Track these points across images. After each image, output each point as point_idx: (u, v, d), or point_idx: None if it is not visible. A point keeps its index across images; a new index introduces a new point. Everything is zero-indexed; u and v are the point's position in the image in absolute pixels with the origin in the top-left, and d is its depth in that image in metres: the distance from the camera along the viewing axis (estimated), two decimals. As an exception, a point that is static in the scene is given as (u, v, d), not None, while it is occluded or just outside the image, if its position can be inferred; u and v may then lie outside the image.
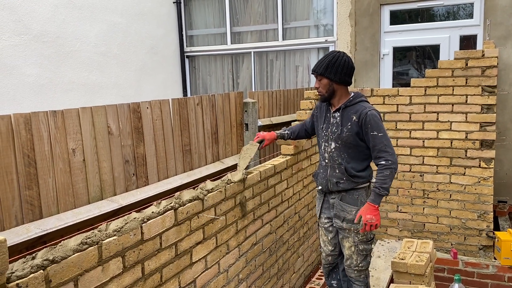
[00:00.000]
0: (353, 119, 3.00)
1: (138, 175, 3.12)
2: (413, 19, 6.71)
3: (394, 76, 6.89)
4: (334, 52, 3.08)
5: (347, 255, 3.21)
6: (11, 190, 2.26)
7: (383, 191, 2.89)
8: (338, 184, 3.11)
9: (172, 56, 8.20)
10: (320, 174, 3.26)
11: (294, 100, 5.84)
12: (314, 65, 3.10)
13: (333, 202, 3.20)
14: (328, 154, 3.16)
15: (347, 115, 3.05)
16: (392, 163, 2.90)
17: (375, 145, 2.95)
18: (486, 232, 4.63)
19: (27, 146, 2.35)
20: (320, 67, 3.03)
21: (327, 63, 3.00)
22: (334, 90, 3.05)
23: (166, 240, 2.20)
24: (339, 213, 3.16)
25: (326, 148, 3.17)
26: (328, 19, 7.34)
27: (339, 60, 2.99)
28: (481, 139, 4.55)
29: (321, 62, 3.04)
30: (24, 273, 1.50)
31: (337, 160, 3.11)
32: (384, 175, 2.89)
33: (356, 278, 3.26)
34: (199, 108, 3.82)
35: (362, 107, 3.01)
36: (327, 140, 3.16)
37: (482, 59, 4.47)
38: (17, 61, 5.49)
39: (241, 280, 3.01)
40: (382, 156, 2.93)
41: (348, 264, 3.23)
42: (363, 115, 2.96)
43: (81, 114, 2.68)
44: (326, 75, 3.00)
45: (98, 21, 6.57)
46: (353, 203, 3.11)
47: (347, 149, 3.06)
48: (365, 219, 2.89)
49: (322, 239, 3.42)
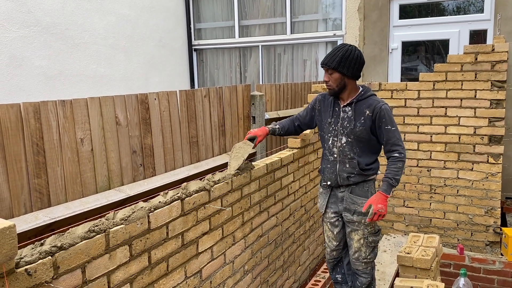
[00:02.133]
0: (366, 113, 2.99)
1: (146, 165, 3.14)
2: (422, 14, 6.66)
3: (403, 72, 6.84)
4: (345, 45, 3.01)
5: (356, 248, 3.20)
6: (20, 178, 2.29)
7: (395, 182, 2.93)
8: (349, 178, 3.09)
9: (180, 49, 8.20)
10: (327, 169, 3.21)
11: (301, 94, 5.82)
12: (324, 58, 3.01)
13: (342, 195, 3.19)
14: (337, 149, 3.11)
15: (359, 109, 3.02)
16: (404, 156, 2.97)
17: (389, 139, 2.97)
18: (493, 228, 4.61)
19: (36, 134, 2.37)
20: (332, 60, 2.95)
21: (341, 57, 2.94)
22: (345, 84, 3.01)
23: (172, 230, 2.22)
24: (349, 206, 3.15)
25: (335, 143, 3.12)
26: (336, 13, 7.30)
27: (352, 55, 2.95)
28: (490, 134, 4.52)
29: (333, 56, 2.97)
30: (32, 259, 1.52)
31: (349, 155, 3.07)
32: (397, 166, 2.94)
33: (363, 270, 3.27)
34: (206, 100, 3.83)
35: (375, 101, 3.01)
36: (336, 135, 3.11)
37: (492, 54, 4.42)
38: (26, 53, 5.52)
39: (246, 271, 3.03)
40: (395, 149, 2.96)
41: (356, 257, 3.22)
42: (378, 109, 2.95)
43: (90, 104, 2.69)
44: (339, 70, 2.95)
45: (106, 13, 6.59)
46: (363, 195, 3.11)
47: (359, 143, 3.04)
48: (376, 208, 2.89)
49: (326, 234, 3.41)
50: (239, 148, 2.95)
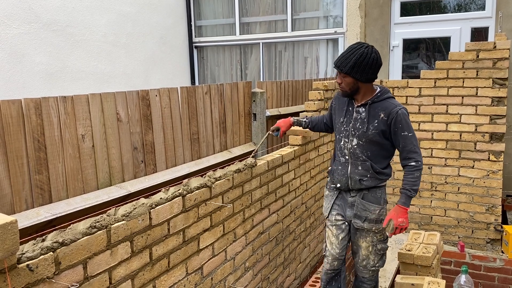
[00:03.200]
0: (381, 116, 2.81)
1: (147, 162, 3.14)
2: (423, 11, 6.64)
3: (404, 69, 6.83)
4: (361, 47, 2.76)
5: (364, 255, 3.07)
6: (21, 174, 2.28)
7: (414, 193, 2.79)
8: (362, 182, 2.92)
9: (181, 46, 8.19)
10: (337, 171, 3.04)
11: (302, 91, 5.82)
12: (337, 59, 2.81)
13: (352, 200, 3.02)
14: (348, 151, 2.96)
15: (374, 111, 2.85)
16: (421, 164, 2.80)
17: (406, 146, 2.80)
18: (494, 226, 4.61)
19: (37, 131, 2.37)
20: (345, 65, 2.75)
21: (354, 62, 2.73)
22: (358, 87, 2.85)
23: (174, 226, 2.22)
24: (360, 213, 2.98)
25: (346, 144, 2.97)
26: (337, 10, 7.28)
27: (366, 59, 2.73)
28: (491, 132, 4.52)
29: (346, 59, 2.75)
30: (34, 255, 1.52)
31: (361, 157, 2.92)
32: (414, 176, 2.78)
33: (369, 278, 3.15)
34: (207, 97, 3.82)
35: (391, 104, 2.82)
36: (347, 136, 2.95)
37: (493, 51, 4.42)
38: (27, 49, 5.52)
39: (247, 268, 3.03)
40: (412, 157, 2.79)
41: (364, 265, 3.09)
42: (394, 114, 2.77)
43: (91, 100, 2.69)
44: (352, 75, 2.77)
45: (107, 10, 6.58)
46: (376, 202, 2.96)
47: (371, 146, 2.89)
48: (397, 223, 2.75)
49: (329, 240, 3.17)
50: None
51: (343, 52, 2.83)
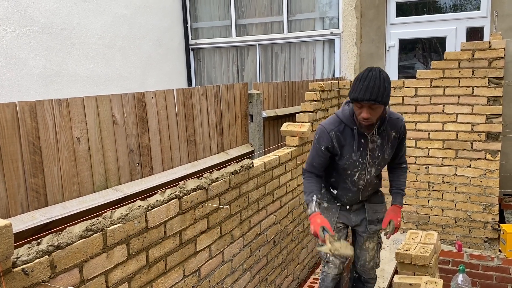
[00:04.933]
0: (393, 135, 2.80)
1: (143, 164, 3.13)
2: (419, 11, 6.66)
3: (400, 70, 6.84)
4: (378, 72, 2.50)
5: (371, 256, 3.13)
6: (16, 178, 2.27)
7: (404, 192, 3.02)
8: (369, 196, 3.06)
9: (177, 48, 8.18)
10: (346, 196, 2.97)
11: (299, 92, 5.82)
12: (368, 94, 2.45)
13: (357, 207, 3.04)
14: (365, 181, 2.88)
15: (387, 133, 2.78)
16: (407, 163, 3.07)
17: (401, 151, 2.97)
18: (492, 225, 4.61)
19: (32, 134, 2.36)
20: (381, 95, 2.45)
21: (387, 89, 2.49)
22: (383, 114, 2.69)
23: (170, 229, 2.21)
24: (372, 217, 3.04)
25: (362, 176, 2.85)
26: (333, 11, 7.29)
27: (387, 81, 2.52)
28: (487, 131, 4.52)
29: (379, 89, 2.44)
30: (29, 258, 1.51)
31: (374, 181, 2.97)
32: (405, 177, 3.03)
33: (373, 276, 3.26)
34: (203, 98, 3.82)
35: (396, 120, 2.80)
36: (364, 168, 2.82)
37: (488, 51, 4.43)
38: (23, 53, 5.50)
39: (245, 269, 3.02)
40: (404, 160, 3.03)
41: (372, 266, 3.17)
42: (402, 129, 2.83)
43: (86, 103, 2.68)
44: (386, 103, 2.55)
45: (103, 13, 6.57)
46: (381, 201, 3.12)
47: (385, 164, 2.95)
48: (397, 223, 2.89)
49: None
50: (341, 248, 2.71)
51: (363, 84, 2.48)
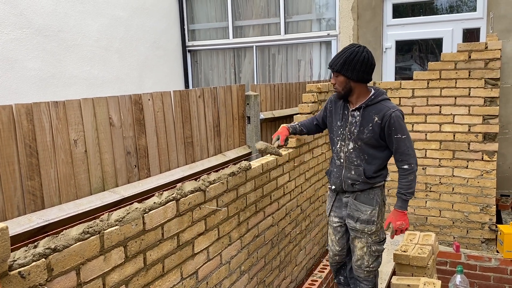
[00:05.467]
0: (375, 120, 2.84)
1: (140, 166, 3.12)
2: (415, 13, 6.68)
3: (397, 71, 6.86)
4: (353, 46, 2.84)
5: (358, 256, 3.11)
6: (13, 180, 2.26)
7: (410, 196, 2.85)
8: (354, 186, 2.99)
9: (174, 50, 8.18)
10: (333, 173, 3.12)
11: (296, 94, 5.82)
12: (331, 60, 2.90)
13: (346, 201, 3.10)
14: (344, 154, 3.00)
15: (368, 115, 2.87)
16: (414, 166, 2.84)
17: (398, 148, 2.84)
18: (489, 225, 4.62)
19: (28, 136, 2.35)
20: (336, 63, 2.82)
21: (344, 60, 2.79)
22: (351, 88, 2.87)
23: (168, 231, 2.20)
24: (352, 213, 3.05)
25: (342, 147, 3.00)
26: (330, 13, 7.31)
27: (357, 57, 2.78)
28: (484, 132, 4.53)
29: (338, 58, 2.83)
30: (26, 261, 1.50)
31: (355, 161, 2.96)
32: (408, 180, 2.84)
33: (364, 278, 3.17)
34: (200, 100, 3.81)
35: (385, 107, 2.84)
36: (343, 139, 2.99)
37: (485, 52, 4.44)
38: (19, 55, 5.49)
39: (243, 272, 3.01)
40: (405, 159, 2.84)
41: (359, 265, 3.13)
42: (387, 117, 2.80)
43: (83, 105, 2.67)
44: (342, 73, 2.82)
45: (100, 15, 6.56)
46: (368, 203, 3.00)
47: (368, 149, 2.92)
48: (396, 226, 2.87)
49: (330, 238, 3.33)
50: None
51: (336, 54, 2.93)
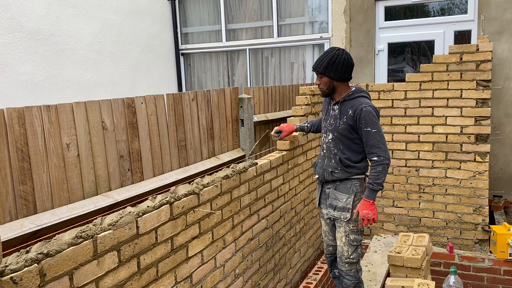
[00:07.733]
0: (349, 113, 3.11)
1: (133, 170, 3.11)
2: (407, 15, 6.72)
3: (389, 73, 6.89)
4: (333, 50, 3.13)
5: (339, 246, 3.27)
6: (4, 185, 2.24)
7: (377, 186, 3.01)
8: (333, 174, 3.21)
9: (167, 53, 8.17)
10: (318, 164, 3.37)
11: (289, 96, 5.83)
12: (314, 63, 3.20)
13: (328, 192, 3.31)
14: (326, 145, 3.28)
15: (344, 108, 3.15)
16: (384, 159, 3.02)
17: (368, 141, 3.05)
18: (482, 226, 4.65)
19: (20, 140, 2.33)
20: (320, 66, 3.13)
21: (327, 62, 3.09)
22: (334, 86, 3.17)
23: (161, 235, 2.19)
24: (332, 202, 3.26)
25: (324, 138, 3.30)
26: (323, 16, 7.34)
27: (338, 59, 3.08)
28: (476, 133, 4.57)
29: (321, 61, 3.13)
30: (18, 267, 1.48)
31: (333, 151, 3.22)
32: (377, 171, 3.01)
33: (346, 272, 3.27)
34: (194, 103, 3.81)
35: (359, 102, 3.09)
36: (326, 131, 3.29)
37: (476, 53, 4.48)
38: (11, 59, 5.45)
39: (237, 275, 3.01)
40: (374, 152, 3.04)
41: (339, 256, 3.27)
42: (358, 111, 3.05)
43: (75, 109, 2.66)
44: (326, 74, 3.12)
45: (92, 18, 6.54)
46: (345, 192, 3.21)
47: (344, 140, 3.17)
48: (362, 214, 3.03)
49: (323, 229, 3.50)
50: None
51: (318, 57, 3.22)
